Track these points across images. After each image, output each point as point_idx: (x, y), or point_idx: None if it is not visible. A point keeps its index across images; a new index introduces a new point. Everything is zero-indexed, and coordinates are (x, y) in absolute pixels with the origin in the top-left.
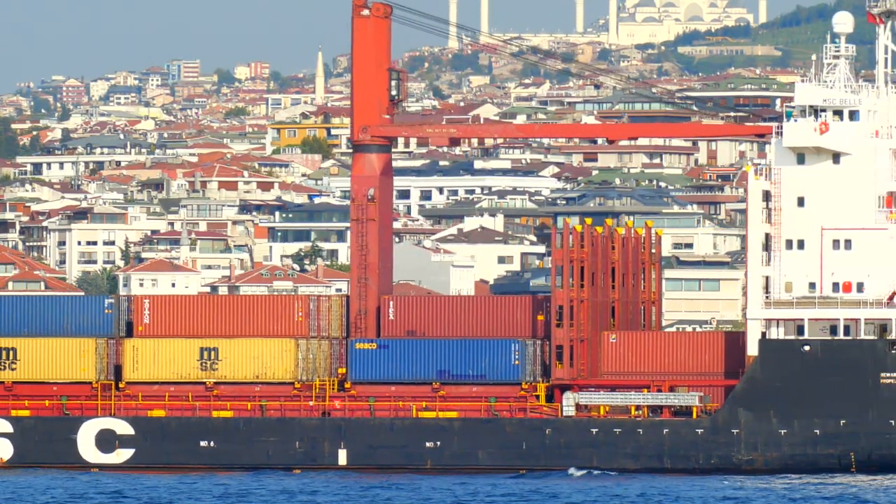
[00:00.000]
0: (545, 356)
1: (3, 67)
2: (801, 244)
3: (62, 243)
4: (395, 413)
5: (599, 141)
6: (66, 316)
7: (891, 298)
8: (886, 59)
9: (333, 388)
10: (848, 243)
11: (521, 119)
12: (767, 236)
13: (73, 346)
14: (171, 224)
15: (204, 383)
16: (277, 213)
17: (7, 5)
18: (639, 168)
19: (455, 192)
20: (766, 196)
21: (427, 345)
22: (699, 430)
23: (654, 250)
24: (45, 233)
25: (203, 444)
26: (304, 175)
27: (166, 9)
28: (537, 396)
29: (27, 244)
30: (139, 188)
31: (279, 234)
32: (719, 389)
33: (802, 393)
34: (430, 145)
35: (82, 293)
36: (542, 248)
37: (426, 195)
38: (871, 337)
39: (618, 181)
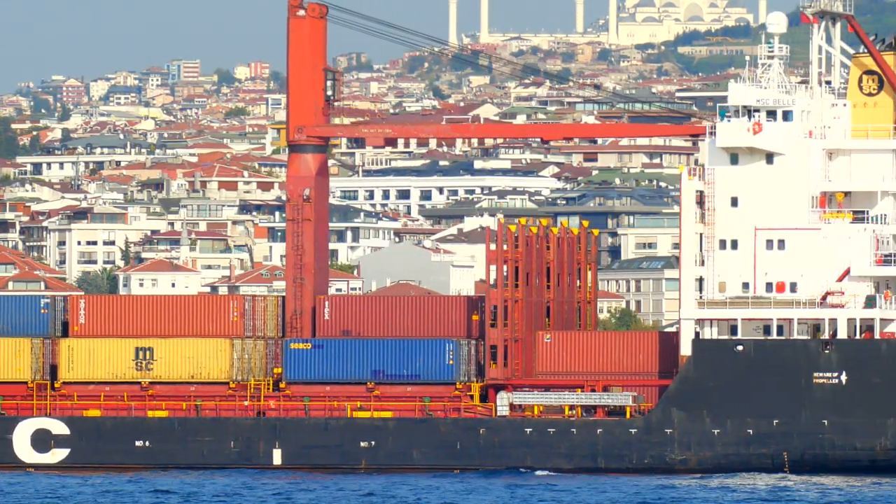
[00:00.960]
0: (480, 356)
1: (3, 67)
2: (734, 244)
3: (62, 243)
4: (330, 413)
5: (600, 141)
6: (2, 316)
7: (824, 298)
8: (820, 60)
9: (268, 388)
10: (781, 243)
11: (520, 119)
12: (701, 236)
13: (8, 346)
14: (171, 224)
15: (139, 383)
16: (277, 213)
17: (7, 5)
18: (639, 168)
19: (455, 192)
20: (700, 196)
21: (361, 345)
22: (633, 430)
23: (589, 250)
24: (45, 233)
25: (138, 443)
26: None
27: (166, 9)
28: (471, 396)
29: (27, 244)
30: (139, 188)
31: (279, 233)
32: (653, 389)
33: (735, 393)
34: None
35: (81, 292)
36: None
37: (426, 195)
38: (804, 337)
39: (618, 181)
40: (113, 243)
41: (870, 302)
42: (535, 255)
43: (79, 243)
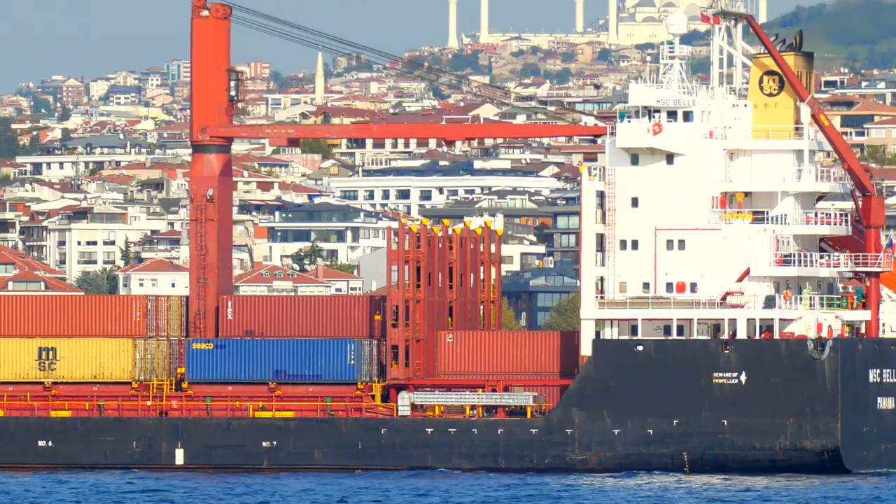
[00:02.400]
0: (382, 356)
1: (3, 67)
2: (635, 244)
3: (62, 243)
4: (232, 413)
5: (599, 141)
6: None
7: (724, 299)
8: (721, 60)
9: (171, 388)
10: (682, 244)
11: (520, 119)
12: (602, 236)
13: None
14: (171, 224)
15: (42, 383)
16: (277, 213)
17: (7, 5)
18: None
19: (455, 192)
20: (601, 196)
21: (263, 345)
22: (533, 430)
23: (493, 249)
24: (45, 233)
25: (41, 443)
26: (303, 175)
27: (166, 9)
28: (373, 396)
29: (27, 244)
30: (139, 188)
31: (279, 233)
32: (555, 389)
33: (636, 393)
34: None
35: (82, 293)
36: (542, 248)
37: (426, 195)
38: (704, 337)
39: None
40: (113, 243)
41: (769, 302)
42: (437, 254)
43: (79, 243)
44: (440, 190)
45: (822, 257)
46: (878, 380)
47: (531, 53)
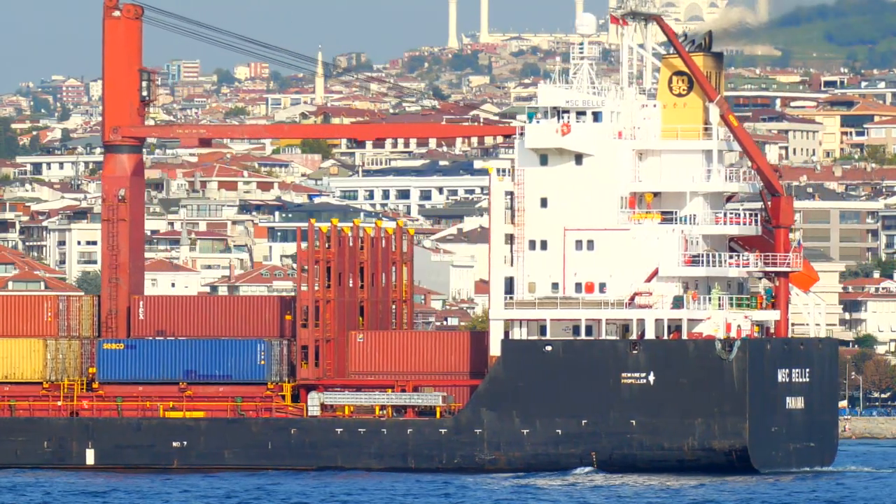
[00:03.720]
0: (292, 356)
1: (3, 67)
2: (544, 245)
3: (62, 243)
4: (143, 413)
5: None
6: None
7: (632, 299)
8: (631, 60)
9: (82, 388)
10: (590, 244)
11: (521, 119)
12: (511, 237)
13: None
14: (171, 224)
15: None
16: (277, 213)
17: (7, 5)
18: None
19: (455, 192)
20: (510, 197)
21: (174, 345)
22: (442, 430)
23: (405, 249)
24: (44, 233)
25: None
26: (303, 175)
27: (166, 9)
28: (283, 396)
29: (27, 244)
30: None
31: (279, 233)
32: (465, 389)
33: (544, 393)
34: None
35: (81, 293)
36: None
37: (426, 195)
38: (613, 337)
39: None
40: None
41: (677, 302)
42: (347, 254)
43: (78, 243)
44: (440, 190)
45: (731, 257)
46: (787, 380)
47: (531, 53)
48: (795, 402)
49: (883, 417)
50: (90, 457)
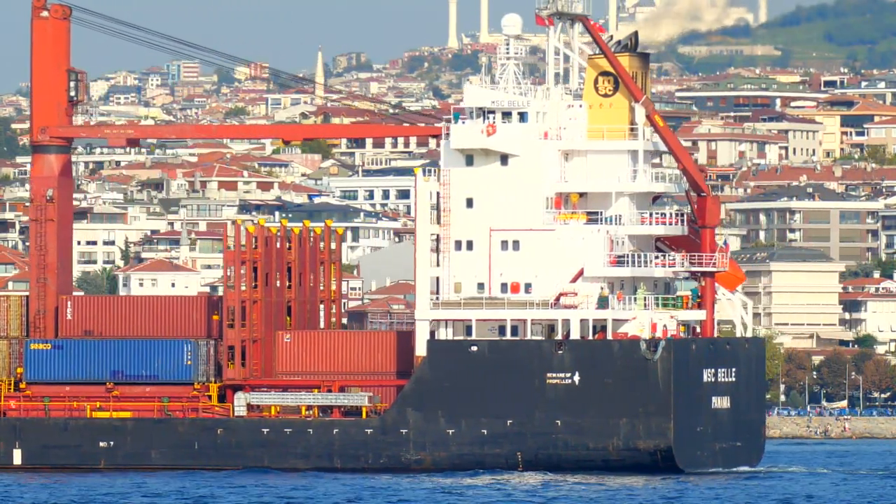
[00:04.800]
0: (219, 356)
1: (3, 68)
2: (469, 245)
3: None
4: (70, 413)
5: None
6: None
7: (557, 299)
8: (557, 60)
9: (9, 388)
10: (516, 244)
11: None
12: (437, 237)
13: None
14: (171, 224)
15: None
16: (277, 213)
17: (6, 5)
18: None
19: None
20: (436, 197)
21: (101, 345)
22: (368, 431)
23: (333, 249)
24: None
25: None
26: (303, 175)
27: (166, 8)
28: (209, 396)
29: (27, 244)
30: (139, 188)
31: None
32: (391, 389)
33: (470, 393)
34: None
35: (82, 293)
36: None
37: None
38: (539, 338)
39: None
40: (113, 243)
41: (602, 303)
42: (275, 254)
43: (78, 243)
44: None
45: (657, 257)
46: (713, 379)
47: (531, 54)
48: (721, 402)
49: (883, 417)
50: (17, 457)
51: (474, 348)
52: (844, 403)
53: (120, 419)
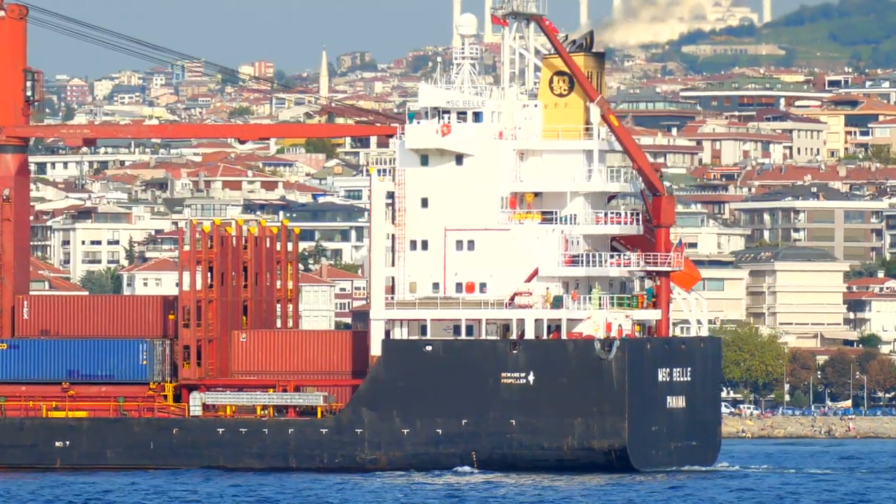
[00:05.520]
0: (175, 356)
1: None
2: (424, 245)
3: (66, 243)
4: (26, 413)
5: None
6: None
7: (512, 299)
8: (512, 60)
9: None
10: (471, 244)
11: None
12: (392, 237)
13: None
14: (175, 223)
15: None
16: (281, 213)
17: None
18: None
19: None
20: (391, 197)
21: (57, 345)
22: (324, 430)
23: (290, 249)
24: (49, 232)
25: None
26: (308, 174)
27: (170, 8)
28: (165, 396)
29: (31, 243)
30: (143, 188)
31: None
32: (346, 389)
33: (425, 393)
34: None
35: (86, 293)
36: None
37: None
38: (493, 337)
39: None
40: (117, 243)
41: (557, 302)
42: (230, 254)
43: (83, 243)
44: None
45: (612, 257)
46: (668, 379)
47: (535, 53)
48: (677, 402)
49: (888, 417)
50: None
51: (429, 348)
52: (849, 403)
53: (76, 419)
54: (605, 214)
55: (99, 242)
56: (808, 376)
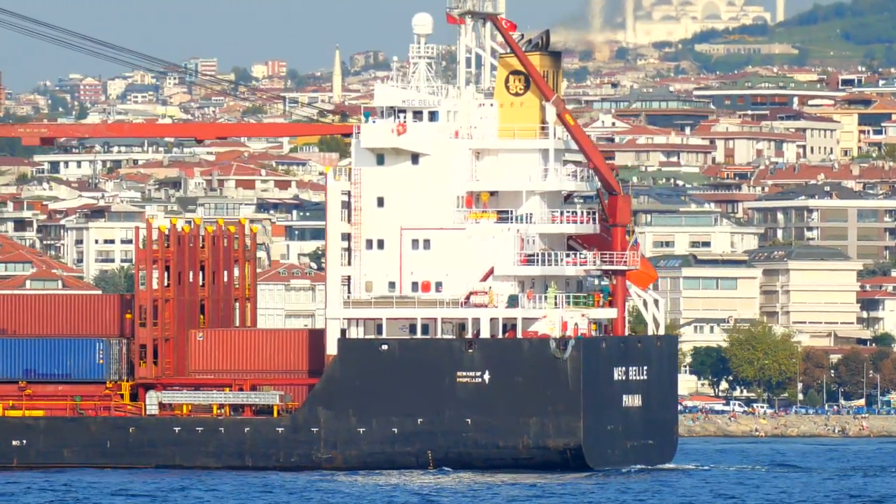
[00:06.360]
0: (132, 355)
1: (21, 66)
2: (381, 244)
3: (80, 241)
4: None
5: (617, 139)
6: None
7: (468, 298)
8: (469, 59)
9: None
10: (427, 243)
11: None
12: (348, 236)
13: None
14: (189, 222)
15: None
16: (294, 212)
17: (25, 4)
18: (656, 166)
19: None
20: (347, 196)
21: (14, 344)
22: (280, 429)
23: (248, 247)
24: (62, 231)
25: None
26: (321, 173)
27: (183, 7)
28: (122, 395)
29: (45, 242)
30: (156, 187)
31: (296, 232)
32: (303, 388)
33: (381, 392)
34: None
35: (99, 291)
36: None
37: None
38: (449, 336)
39: (635, 179)
40: (130, 242)
41: (512, 301)
42: (187, 253)
43: (96, 241)
44: None
45: (568, 255)
46: (624, 378)
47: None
48: (633, 401)
49: None
50: None
51: (385, 347)
52: (862, 402)
53: (32, 418)
54: (562, 213)
55: (112, 241)
56: (821, 375)
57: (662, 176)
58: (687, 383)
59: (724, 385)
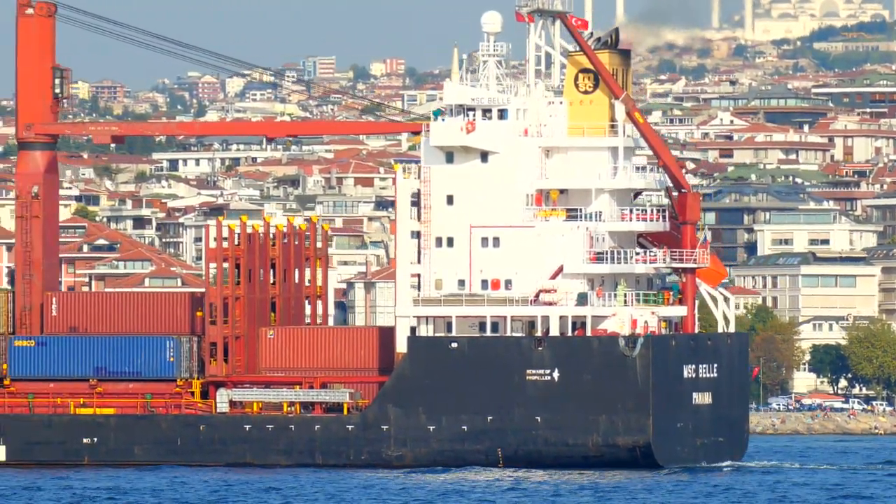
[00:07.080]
0: (202, 353)
1: (139, 64)
2: (450, 242)
3: (198, 239)
4: (54, 409)
5: (735, 137)
6: None
7: (537, 296)
8: (538, 58)
9: None
10: (496, 241)
11: (656, 116)
12: (418, 234)
13: None
14: (307, 220)
15: None
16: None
17: (142, 5)
18: (774, 164)
19: None
20: (417, 194)
21: (85, 342)
22: (350, 427)
23: (319, 245)
24: (181, 229)
25: None
26: None
27: (301, 5)
28: (192, 393)
29: (164, 240)
30: (275, 184)
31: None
32: (373, 386)
33: (450, 389)
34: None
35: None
36: None
37: None
38: (518, 334)
39: (753, 177)
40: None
41: (581, 299)
42: (258, 251)
43: (215, 240)
44: None
45: (638, 253)
46: (694, 375)
47: (666, 49)
48: (703, 398)
49: None
50: (1, 453)
51: (454, 345)
52: None
53: (103, 415)
54: (631, 211)
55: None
56: None
57: (781, 174)
58: (806, 381)
59: (843, 383)
